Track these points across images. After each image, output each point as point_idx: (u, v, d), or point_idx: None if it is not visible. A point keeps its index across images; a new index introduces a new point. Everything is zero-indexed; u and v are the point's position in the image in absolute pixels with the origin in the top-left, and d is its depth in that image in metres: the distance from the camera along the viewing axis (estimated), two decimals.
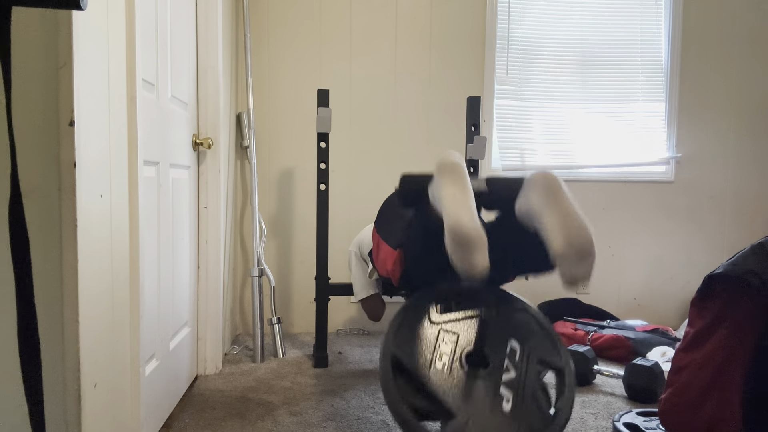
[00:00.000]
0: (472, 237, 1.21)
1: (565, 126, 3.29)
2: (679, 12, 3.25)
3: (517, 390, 1.31)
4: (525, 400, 1.31)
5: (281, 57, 3.06)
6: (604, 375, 2.34)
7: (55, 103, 1.08)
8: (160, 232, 1.79)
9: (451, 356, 1.35)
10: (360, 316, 3.14)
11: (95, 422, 1.21)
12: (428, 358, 1.34)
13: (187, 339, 2.17)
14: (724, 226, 3.36)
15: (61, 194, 1.09)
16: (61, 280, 1.11)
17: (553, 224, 1.24)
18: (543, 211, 1.26)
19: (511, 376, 1.32)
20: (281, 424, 1.91)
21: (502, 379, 1.31)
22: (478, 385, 1.32)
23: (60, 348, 1.11)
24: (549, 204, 1.26)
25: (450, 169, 1.34)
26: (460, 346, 1.37)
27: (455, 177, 1.32)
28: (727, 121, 3.33)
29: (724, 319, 1.47)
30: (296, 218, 3.13)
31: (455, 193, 1.29)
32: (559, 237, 1.22)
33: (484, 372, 1.31)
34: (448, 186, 1.31)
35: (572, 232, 1.22)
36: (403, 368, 1.32)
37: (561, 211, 1.24)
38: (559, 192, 1.27)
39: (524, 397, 1.31)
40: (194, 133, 2.27)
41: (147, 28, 1.62)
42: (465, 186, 1.32)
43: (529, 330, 1.42)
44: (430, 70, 3.16)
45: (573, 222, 1.22)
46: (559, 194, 1.26)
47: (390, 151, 3.15)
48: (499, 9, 3.17)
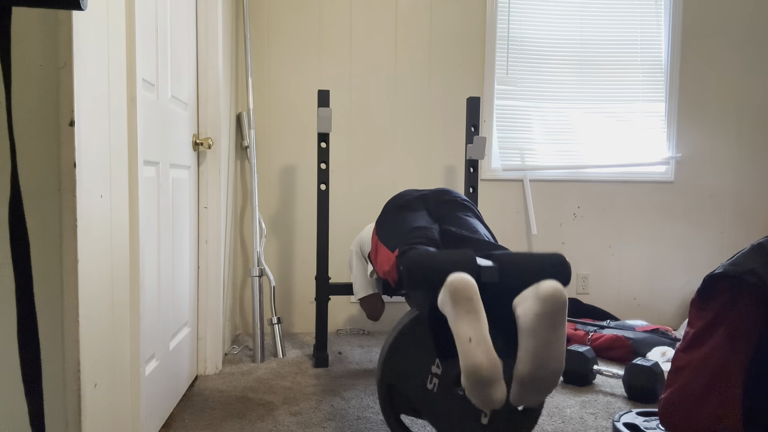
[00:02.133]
0: (490, 377, 1.23)
1: (565, 126, 3.29)
2: (679, 12, 3.25)
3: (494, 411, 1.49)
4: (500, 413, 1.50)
5: (281, 57, 3.06)
6: (604, 375, 2.34)
7: (55, 103, 1.08)
8: (160, 232, 1.79)
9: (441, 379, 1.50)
10: (360, 316, 3.15)
11: (95, 422, 1.21)
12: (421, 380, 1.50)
13: (187, 339, 2.18)
14: (724, 226, 3.36)
15: (61, 194, 1.09)
16: (61, 280, 1.11)
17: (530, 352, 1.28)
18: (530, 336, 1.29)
19: None
20: (281, 424, 1.91)
21: None
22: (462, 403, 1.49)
23: (60, 348, 1.11)
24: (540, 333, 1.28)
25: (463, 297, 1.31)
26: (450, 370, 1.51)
27: (468, 306, 1.30)
28: (726, 121, 3.33)
29: (724, 319, 1.47)
30: (296, 218, 3.13)
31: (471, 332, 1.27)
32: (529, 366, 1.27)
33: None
34: (462, 321, 1.29)
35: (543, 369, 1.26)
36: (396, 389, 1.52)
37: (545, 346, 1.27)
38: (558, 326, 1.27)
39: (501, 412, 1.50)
40: (194, 133, 2.27)
41: (147, 28, 1.62)
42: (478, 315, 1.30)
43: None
44: (430, 70, 3.16)
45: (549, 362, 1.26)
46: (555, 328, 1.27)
47: (390, 151, 3.15)
48: (499, 9, 3.17)
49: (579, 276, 3.30)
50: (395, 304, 3.14)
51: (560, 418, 2.02)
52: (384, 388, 1.53)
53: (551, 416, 2.03)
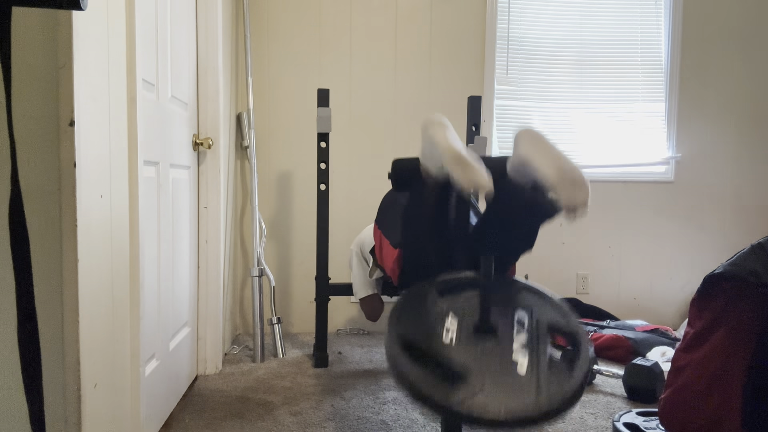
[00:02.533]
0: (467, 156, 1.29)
1: (565, 126, 3.29)
2: (679, 12, 3.25)
3: (531, 354, 1.30)
4: (539, 363, 1.29)
5: (281, 57, 3.06)
6: (604, 375, 2.34)
7: (55, 103, 1.08)
8: (160, 232, 1.79)
9: (459, 329, 1.35)
10: (360, 316, 3.15)
11: (95, 422, 1.21)
12: (436, 332, 1.34)
13: (187, 339, 2.18)
14: (724, 226, 3.36)
15: (61, 194, 1.09)
16: (61, 280, 1.11)
17: (544, 163, 1.32)
18: (533, 156, 1.34)
19: (522, 341, 1.34)
20: (281, 424, 1.91)
21: (513, 347, 1.32)
22: (488, 353, 1.31)
23: (60, 348, 1.11)
24: (537, 150, 1.34)
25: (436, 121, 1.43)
26: (467, 320, 1.37)
27: (442, 126, 1.42)
28: (727, 120, 3.33)
29: (724, 319, 1.47)
30: (296, 218, 3.13)
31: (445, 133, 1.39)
32: (552, 170, 1.30)
33: (494, 340, 1.32)
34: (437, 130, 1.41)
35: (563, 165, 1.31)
36: (411, 345, 1.32)
37: (549, 154, 1.33)
38: (545, 140, 1.36)
39: (538, 361, 1.30)
40: (194, 133, 2.27)
41: (147, 28, 1.62)
42: (452, 131, 1.41)
43: (535, 301, 1.44)
44: (430, 70, 3.16)
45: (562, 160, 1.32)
46: (545, 141, 1.35)
47: (390, 151, 3.15)
48: (499, 9, 3.17)
49: (579, 276, 3.30)
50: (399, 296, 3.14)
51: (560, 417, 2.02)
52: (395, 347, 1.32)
53: None
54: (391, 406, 2.10)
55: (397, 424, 1.95)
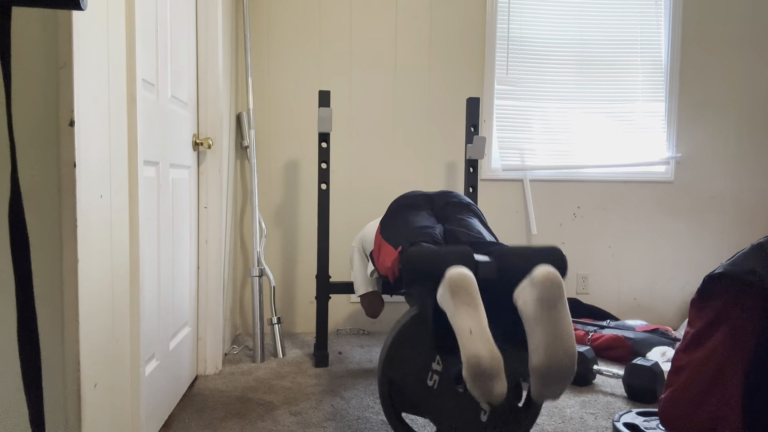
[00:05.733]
0: (492, 369, 1.24)
1: (565, 126, 3.29)
2: (679, 12, 3.25)
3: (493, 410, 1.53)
4: (500, 410, 1.52)
5: (281, 57, 3.06)
6: (604, 375, 2.34)
7: (55, 103, 1.08)
8: (160, 232, 1.79)
9: (442, 376, 1.52)
10: (360, 316, 3.15)
11: (95, 422, 1.21)
12: (422, 377, 1.52)
13: (187, 339, 2.17)
14: (724, 226, 3.36)
15: (61, 194, 1.09)
16: (61, 280, 1.11)
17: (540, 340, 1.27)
18: (535, 324, 1.29)
19: None
20: (281, 424, 1.91)
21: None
22: (462, 400, 1.51)
23: (60, 348, 1.11)
24: (543, 318, 1.28)
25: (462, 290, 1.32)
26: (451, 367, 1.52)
27: (467, 299, 1.31)
28: (727, 121, 3.33)
29: (724, 319, 1.47)
30: (296, 218, 3.13)
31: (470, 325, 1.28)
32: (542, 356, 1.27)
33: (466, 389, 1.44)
34: (462, 314, 1.30)
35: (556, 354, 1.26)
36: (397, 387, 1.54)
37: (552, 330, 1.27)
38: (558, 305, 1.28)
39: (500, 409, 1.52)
40: (194, 133, 2.27)
41: (147, 28, 1.62)
42: (477, 308, 1.31)
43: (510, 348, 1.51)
44: (430, 70, 3.16)
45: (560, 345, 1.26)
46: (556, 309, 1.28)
47: (390, 151, 3.15)
48: (499, 9, 3.17)
49: (579, 276, 3.30)
50: (395, 304, 3.14)
51: (560, 418, 2.02)
52: (385, 385, 1.54)
53: (551, 416, 2.03)
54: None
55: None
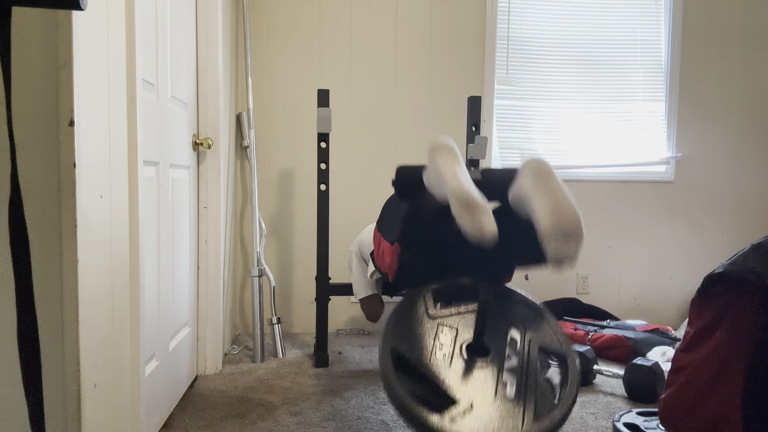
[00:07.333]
0: (477, 200, 1.26)
1: (565, 126, 3.29)
2: (679, 12, 3.25)
3: (520, 376, 1.32)
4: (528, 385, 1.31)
5: (281, 57, 3.06)
6: (604, 375, 2.34)
7: (55, 103, 1.08)
8: (160, 232, 1.79)
9: (452, 347, 1.36)
10: (360, 317, 3.14)
11: (95, 422, 1.21)
12: (428, 349, 1.35)
13: (187, 339, 2.17)
14: (724, 226, 3.36)
15: (61, 194, 1.09)
16: (61, 280, 1.11)
17: (541, 206, 1.28)
18: (533, 195, 1.30)
19: (513, 363, 1.34)
20: (281, 424, 1.91)
21: (504, 367, 1.32)
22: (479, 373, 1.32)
23: (60, 348, 1.11)
24: (539, 187, 1.30)
25: (444, 148, 1.39)
26: (459, 337, 1.38)
27: (450, 155, 1.37)
28: (727, 120, 3.33)
29: (724, 319, 1.47)
30: (296, 218, 3.13)
31: (453, 167, 1.34)
32: (547, 217, 1.26)
33: (485, 360, 1.33)
34: (445, 162, 1.36)
35: (560, 212, 1.26)
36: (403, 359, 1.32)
37: (550, 194, 1.29)
38: (550, 176, 1.31)
39: (527, 383, 1.32)
40: (194, 133, 2.27)
41: (147, 28, 1.62)
42: (460, 162, 1.37)
43: (529, 320, 1.44)
44: (430, 70, 3.15)
45: (561, 204, 1.27)
46: (549, 179, 1.31)
47: (390, 151, 3.15)
48: (499, 9, 3.17)
49: (579, 276, 3.30)
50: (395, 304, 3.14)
51: None
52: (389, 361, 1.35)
53: None
54: (391, 406, 2.09)
55: (397, 424, 1.95)
